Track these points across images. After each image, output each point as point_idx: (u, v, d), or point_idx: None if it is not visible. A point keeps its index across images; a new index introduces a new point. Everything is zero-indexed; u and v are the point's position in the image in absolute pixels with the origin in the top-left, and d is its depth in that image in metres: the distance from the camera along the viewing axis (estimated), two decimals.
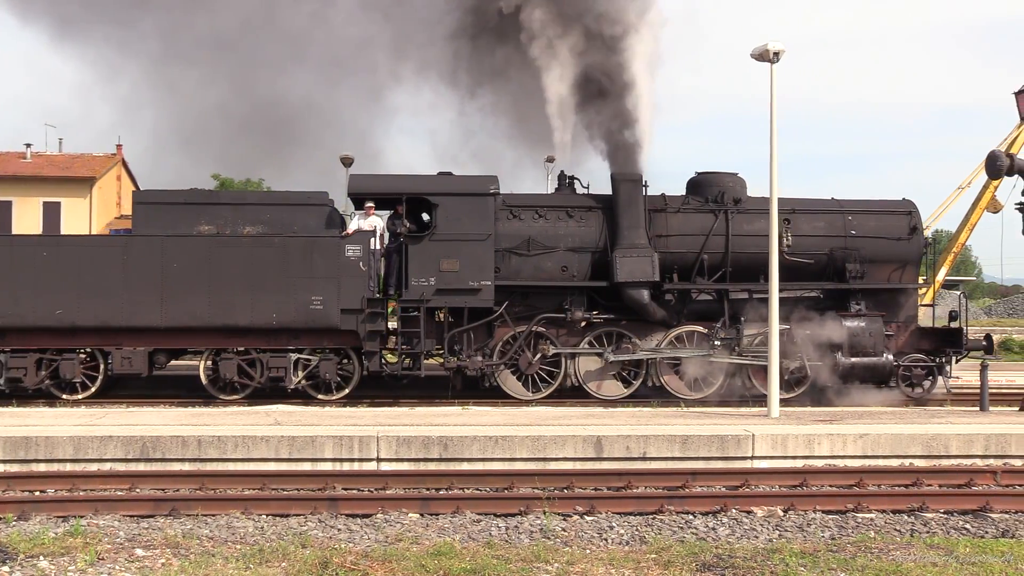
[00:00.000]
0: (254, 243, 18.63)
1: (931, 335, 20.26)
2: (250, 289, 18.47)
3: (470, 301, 18.94)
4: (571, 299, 19.42)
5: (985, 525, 10.47)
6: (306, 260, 18.62)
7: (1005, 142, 34.02)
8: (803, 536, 9.99)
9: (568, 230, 19.58)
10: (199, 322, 18.57)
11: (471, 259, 18.89)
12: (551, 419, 15.14)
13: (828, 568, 8.64)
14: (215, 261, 18.50)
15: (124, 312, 18.49)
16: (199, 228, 18.91)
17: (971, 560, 8.87)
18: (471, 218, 18.93)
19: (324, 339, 18.95)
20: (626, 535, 9.91)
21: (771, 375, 16.08)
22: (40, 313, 18.45)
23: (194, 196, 19.47)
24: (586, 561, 8.88)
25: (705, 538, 9.88)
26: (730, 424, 14.39)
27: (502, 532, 10.02)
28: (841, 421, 14.87)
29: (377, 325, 18.81)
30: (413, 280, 18.83)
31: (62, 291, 18.46)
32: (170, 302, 18.50)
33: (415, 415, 15.68)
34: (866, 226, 20.11)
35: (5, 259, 18.65)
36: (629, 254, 19.13)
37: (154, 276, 18.49)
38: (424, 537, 9.72)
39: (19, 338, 18.72)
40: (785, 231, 19.50)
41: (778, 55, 15.88)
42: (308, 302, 18.51)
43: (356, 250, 18.69)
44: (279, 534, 9.80)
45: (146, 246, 18.59)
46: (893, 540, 9.70)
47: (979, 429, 13.96)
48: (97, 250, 18.83)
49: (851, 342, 19.14)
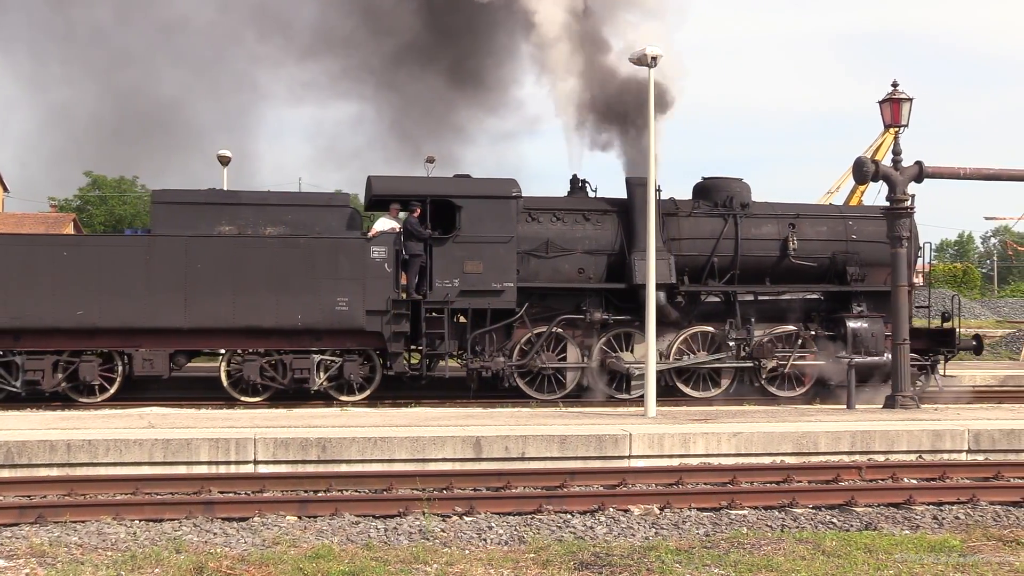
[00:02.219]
0: (279, 244, 18.53)
1: (924, 335, 21.08)
2: (275, 290, 18.35)
3: (493, 302, 19.19)
4: (588, 300, 19.83)
5: (850, 519, 10.82)
6: (331, 261, 18.53)
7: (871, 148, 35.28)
8: (679, 533, 10.17)
9: (585, 233, 20.02)
10: (223, 323, 18.39)
11: (494, 261, 19.16)
12: (430, 420, 15.12)
13: (703, 564, 8.81)
14: (240, 262, 18.28)
15: (146, 313, 18.16)
16: (220, 228, 18.70)
17: (837, 553, 9.15)
18: (494, 221, 19.20)
19: (346, 340, 18.90)
20: (505, 535, 9.96)
21: (648, 377, 16.33)
22: (60, 314, 17.99)
23: (215, 196, 19.37)
24: (465, 561, 8.90)
25: (583, 537, 9.99)
26: (608, 424, 14.58)
27: (381, 533, 9.98)
28: (716, 420, 15.19)
29: (401, 326, 18.85)
30: (437, 282, 19.01)
31: (83, 292, 18.02)
32: (194, 303, 18.25)
33: (293, 416, 15.49)
34: (865, 231, 20.88)
35: (23, 259, 18.12)
36: (646, 257, 19.35)
37: (177, 277, 18.24)
38: (302, 540, 9.61)
39: (35, 340, 18.18)
40: (791, 235, 20.33)
41: (656, 59, 16.14)
42: (334, 303, 18.48)
43: (381, 251, 18.74)
44: (152, 539, 9.57)
45: (169, 246, 18.31)
46: (765, 535, 9.94)
47: (846, 427, 14.41)
48: (119, 250, 18.52)
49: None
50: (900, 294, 17.62)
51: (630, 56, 16.56)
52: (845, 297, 20.71)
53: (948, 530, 10.42)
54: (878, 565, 8.80)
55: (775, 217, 20.71)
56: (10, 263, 18.05)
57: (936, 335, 21.18)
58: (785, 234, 20.53)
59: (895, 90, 17.89)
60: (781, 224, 20.70)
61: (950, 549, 9.36)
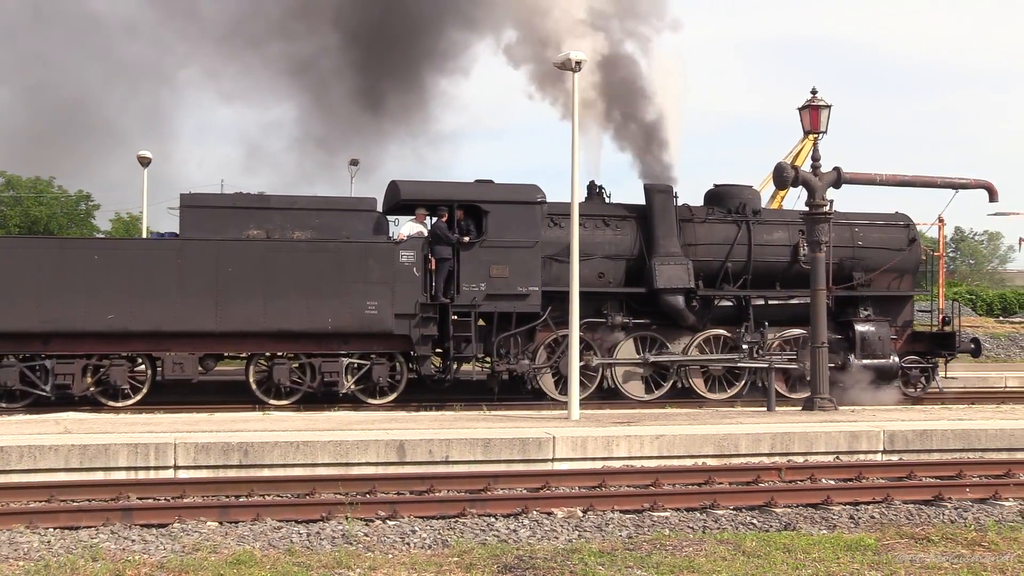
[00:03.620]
0: (310, 248, 18.58)
1: (924, 338, 22.31)
2: (305, 294, 18.38)
3: (519, 306, 19.56)
4: (609, 304, 20.32)
5: (770, 520, 10.98)
6: (361, 265, 18.61)
7: (791, 154, 35.83)
8: (601, 536, 10.23)
9: (605, 238, 20.48)
10: (254, 327, 18.45)
11: (520, 265, 19.50)
12: (354, 423, 15.04)
13: (625, 566, 8.87)
14: (270, 266, 18.25)
15: (177, 317, 18.16)
16: (248, 232, 18.78)
17: (757, 553, 9.28)
18: (520, 226, 19.53)
19: (374, 343, 19.08)
20: (428, 539, 9.94)
21: (571, 379, 16.41)
22: (91, 318, 17.90)
23: (243, 200, 19.32)
24: (388, 566, 8.87)
25: (506, 540, 10.01)
26: (532, 427, 14.62)
27: (303, 538, 9.89)
28: (638, 423, 15.32)
29: (429, 330, 19.11)
30: (464, 285, 19.27)
31: (114, 295, 17.97)
32: (225, 307, 18.30)
33: (214, 421, 15.30)
34: (871, 237, 21.81)
35: (53, 262, 18.00)
36: (667, 262, 20.27)
37: (209, 280, 18.27)
38: (223, 546, 9.50)
39: (65, 343, 18.06)
40: (801, 241, 20.88)
41: (580, 64, 16.24)
42: (363, 307, 18.67)
43: (410, 256, 18.96)
44: (68, 548, 9.38)
45: (201, 250, 18.34)
46: (686, 537, 10.05)
47: (766, 428, 14.62)
48: (150, 253, 18.54)
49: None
50: (818, 298, 17.91)
51: (554, 61, 16.63)
52: (851, 301, 21.51)
53: (864, 529, 10.63)
54: (796, 564, 8.94)
55: (785, 223, 21.57)
56: (41, 266, 17.97)
57: (937, 338, 22.24)
58: (795, 240, 21.24)
59: (814, 97, 18.17)
60: (791, 230, 21.42)
61: (865, 548, 9.55)
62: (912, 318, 22.55)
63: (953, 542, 9.87)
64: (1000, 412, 17.93)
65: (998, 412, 17.93)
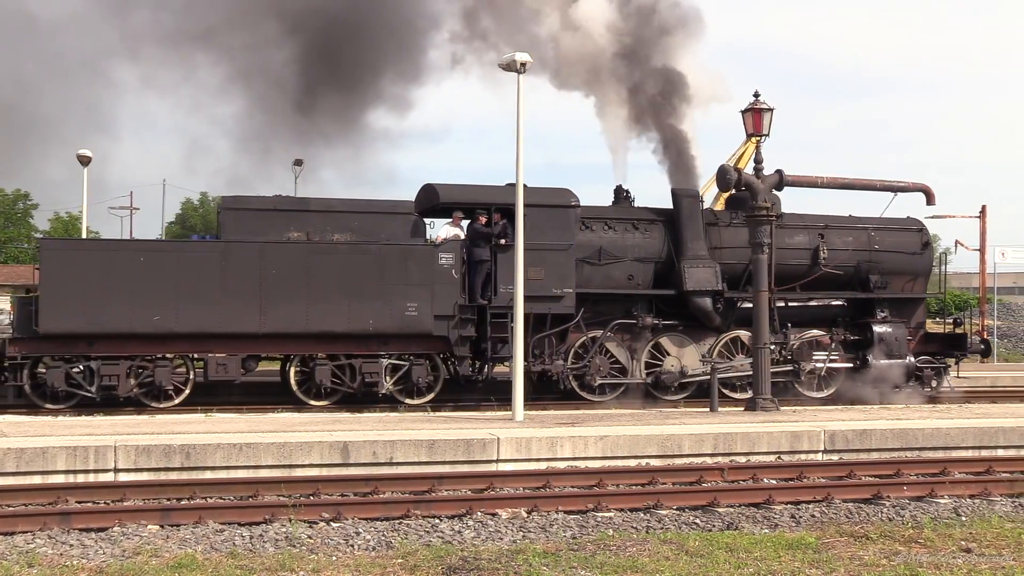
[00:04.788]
0: (351, 250, 18.69)
1: (936, 339, 23.20)
2: (347, 295, 18.48)
3: (554, 308, 19.98)
4: (638, 306, 20.79)
5: (713, 519, 11.06)
6: (401, 267, 18.84)
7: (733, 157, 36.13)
8: (546, 536, 10.25)
9: (635, 241, 21.00)
10: (297, 328, 18.71)
11: (554, 268, 19.93)
12: (297, 425, 14.94)
13: (569, 566, 8.90)
14: (313, 268, 18.34)
15: (222, 318, 18.40)
16: (289, 235, 19.05)
17: (700, 553, 9.36)
18: (555, 229, 19.95)
19: (412, 344, 19.44)
20: (373, 541, 9.90)
21: (515, 381, 16.42)
22: (137, 319, 18.11)
23: (284, 203, 19.53)
24: (332, 568, 8.82)
25: (451, 541, 9.99)
26: (476, 428, 14.61)
27: (246, 541, 9.80)
28: (582, 424, 15.37)
29: (467, 331, 19.48)
30: (501, 287, 19.57)
31: (159, 297, 18.19)
32: (269, 308, 18.57)
33: (156, 423, 15.12)
34: (886, 241, 22.56)
35: (100, 265, 18.20)
36: (695, 264, 20.86)
37: (252, 282, 18.53)
38: (164, 549, 9.39)
39: (109, 345, 18.26)
40: (822, 245, 21.74)
41: (524, 65, 16.27)
42: (404, 308, 18.94)
43: (449, 258, 19.34)
44: (2, 554, 9.20)
45: (244, 252, 18.59)
46: (630, 537, 10.10)
47: (709, 429, 14.73)
48: (196, 256, 18.72)
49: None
50: (761, 299, 18.09)
51: (499, 62, 16.65)
52: (868, 303, 22.18)
53: (805, 528, 10.75)
54: (739, 564, 9.03)
55: (806, 228, 22.18)
56: (88, 268, 18.13)
57: (948, 339, 23.07)
58: (816, 244, 22.07)
59: (756, 100, 18.37)
60: (811, 234, 22.13)
61: (806, 546, 9.66)
62: (924, 320, 23.49)
63: (891, 539, 10.03)
64: (936, 412, 18.23)
65: (935, 412, 18.23)
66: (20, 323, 18.33)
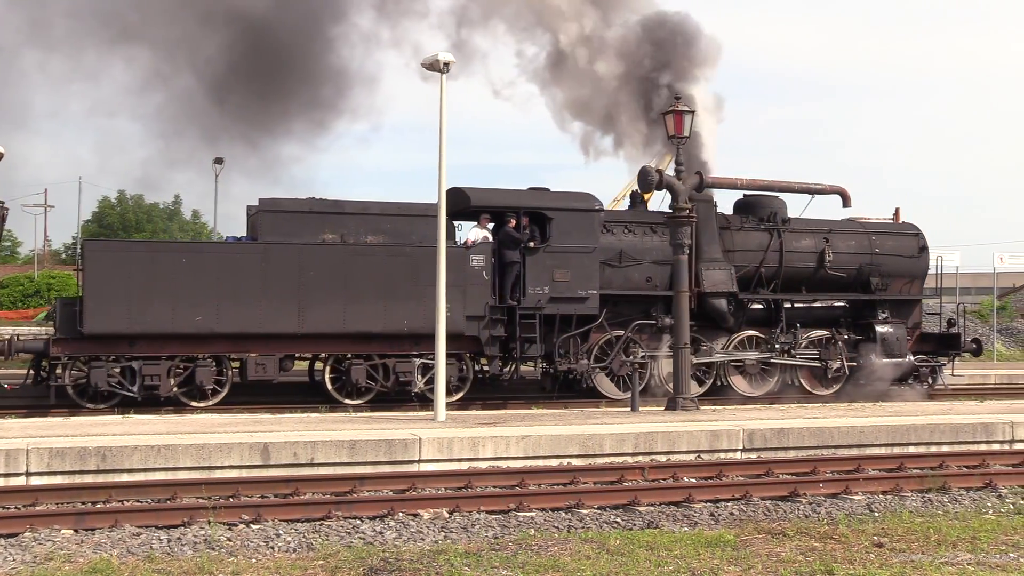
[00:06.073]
0: (387, 252, 19.20)
1: (931, 339, 24.30)
2: (383, 297, 18.96)
3: (579, 308, 20.51)
4: (656, 307, 21.28)
5: (633, 518, 11.16)
6: (434, 269, 18.41)
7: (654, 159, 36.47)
8: (468, 536, 10.26)
9: (653, 244, 21.42)
10: (334, 328, 19.02)
11: (580, 270, 20.48)
12: (217, 426, 14.76)
13: (491, 566, 8.92)
14: (349, 269, 18.47)
15: (262, 319, 18.70)
16: (324, 236, 19.29)
17: (620, 551, 9.44)
18: (580, 232, 20.52)
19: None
20: (293, 542, 9.82)
21: (438, 381, 16.41)
22: (179, 320, 18.30)
23: (319, 205, 19.66)
24: (252, 570, 8.74)
25: (372, 542, 9.95)
26: (398, 428, 14.57)
27: (164, 544, 9.66)
28: (504, 424, 15.40)
29: (497, 331, 19.94)
30: (530, 288, 20.13)
31: (201, 298, 18.38)
32: (307, 309, 18.84)
33: (70, 425, 14.81)
34: (886, 245, 23.46)
35: (143, 266, 18.34)
36: (712, 267, 21.57)
37: (292, 283, 18.81)
38: (78, 554, 9.21)
39: (150, 345, 18.45)
40: (827, 248, 22.61)
41: (448, 65, 16.26)
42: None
43: (480, 260, 19.77)
44: None
45: (283, 254, 18.85)
46: (552, 536, 10.15)
47: (630, 428, 14.85)
48: (237, 257, 18.95)
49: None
50: (681, 300, 18.27)
51: (422, 61, 16.61)
52: (869, 304, 23.13)
53: (724, 526, 10.90)
54: (659, 562, 9.12)
55: (812, 232, 22.94)
56: (131, 269, 18.29)
57: (943, 339, 24.25)
58: (821, 247, 22.79)
59: (677, 103, 18.53)
60: (817, 238, 22.96)
61: (725, 544, 9.80)
62: (920, 320, 24.54)
63: (807, 536, 10.21)
64: (852, 410, 18.60)
65: (850, 410, 18.59)
66: (63, 323, 18.47)
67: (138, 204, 71.89)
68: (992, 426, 16.14)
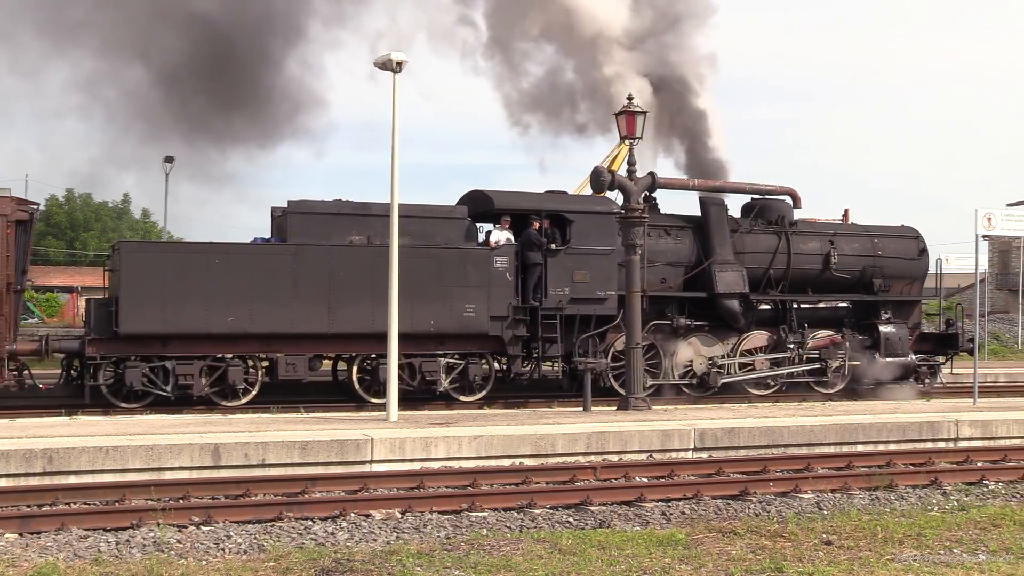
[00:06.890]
0: (413, 254, 19.21)
1: (930, 338, 24.86)
2: (410, 297, 18.74)
3: (598, 309, 20.80)
4: (671, 308, 21.74)
5: (585, 518, 11.20)
6: (460, 270, 19.47)
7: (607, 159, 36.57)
8: (420, 537, 10.25)
9: (667, 246, 21.92)
10: (363, 328, 19.19)
11: (598, 271, 20.79)
12: (167, 427, 14.61)
13: (443, 566, 8.92)
14: (378, 270, 18.29)
15: (292, 319, 18.93)
16: (351, 238, 19.52)
17: (573, 551, 9.47)
18: (598, 234, 20.85)
19: (468, 344, 20.14)
20: (244, 544, 9.75)
21: (390, 381, 16.36)
22: (212, 320, 18.52)
23: (347, 207, 19.85)
24: (202, 573, 8.66)
25: (324, 543, 9.91)
26: (350, 429, 14.51)
27: (112, 547, 9.55)
28: (457, 424, 15.39)
29: (520, 331, 20.26)
30: (551, 289, 20.44)
31: (233, 298, 18.60)
32: (337, 309, 19.11)
33: (15, 427, 14.60)
34: (888, 248, 24.00)
35: (177, 267, 18.52)
36: (725, 268, 21.96)
37: (322, 284, 19.08)
38: (23, 558, 9.08)
39: (183, 345, 18.63)
40: (832, 251, 23.11)
41: (400, 65, 16.21)
42: (463, 310, 19.80)
43: (503, 261, 20.14)
44: None
45: (314, 255, 19.11)
46: (504, 536, 10.17)
47: (582, 428, 14.90)
48: (268, 258, 19.11)
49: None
50: (633, 300, 18.35)
51: (375, 60, 16.56)
52: (872, 305, 23.64)
53: (675, 525, 10.97)
54: (611, 561, 9.16)
55: (817, 234, 23.50)
56: (164, 270, 18.46)
57: (942, 339, 24.78)
58: (827, 249, 23.29)
59: (630, 103, 18.60)
60: (823, 241, 23.44)
61: (676, 543, 9.86)
62: (920, 320, 25.08)
63: (757, 534, 10.30)
64: (802, 409, 18.79)
65: (800, 409, 18.78)
66: (98, 324, 18.47)
67: (86, 203, 71.10)
68: (938, 424, 16.39)
